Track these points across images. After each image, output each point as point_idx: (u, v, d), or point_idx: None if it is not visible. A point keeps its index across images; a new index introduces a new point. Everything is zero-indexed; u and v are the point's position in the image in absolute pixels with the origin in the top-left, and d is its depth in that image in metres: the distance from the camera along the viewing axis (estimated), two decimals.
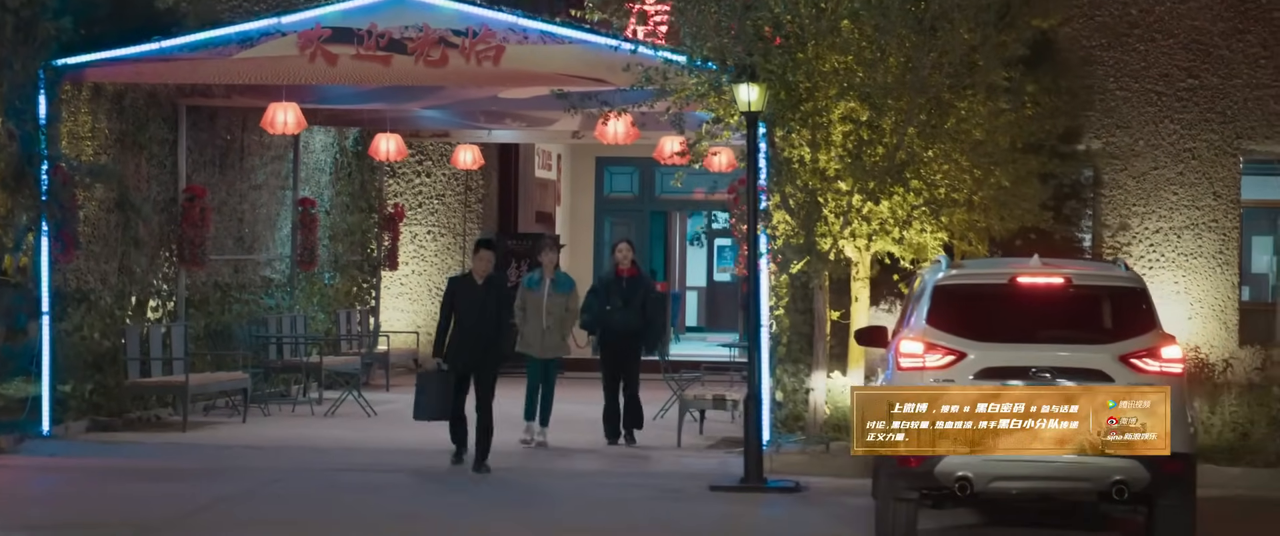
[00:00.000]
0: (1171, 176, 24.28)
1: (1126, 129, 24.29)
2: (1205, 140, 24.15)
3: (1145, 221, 24.25)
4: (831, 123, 15.38)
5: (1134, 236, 24.17)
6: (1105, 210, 24.28)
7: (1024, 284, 12.03)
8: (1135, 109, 24.27)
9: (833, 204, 15.45)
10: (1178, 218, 24.23)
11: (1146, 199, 24.24)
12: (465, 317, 15.10)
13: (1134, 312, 11.94)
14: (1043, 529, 12.32)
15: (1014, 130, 15.80)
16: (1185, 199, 24.23)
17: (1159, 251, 24.25)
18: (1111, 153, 24.17)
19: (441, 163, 25.34)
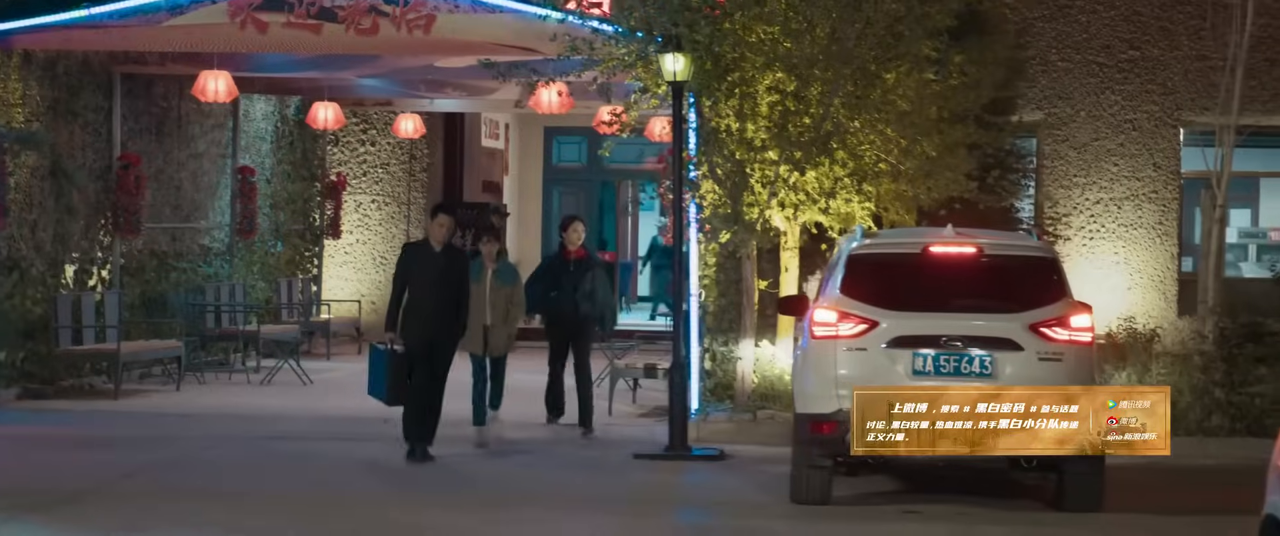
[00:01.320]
0: (1112, 147, 24.41)
1: (1068, 100, 24.40)
2: (1145, 111, 24.28)
3: (1086, 192, 24.38)
4: (758, 93, 15.44)
5: (1074, 206, 24.31)
6: (1046, 180, 24.41)
7: (936, 253, 12.14)
8: (1076, 80, 24.39)
9: (759, 174, 15.52)
10: (1118, 188, 24.37)
11: (1087, 169, 24.37)
12: (421, 288, 13.84)
13: (1045, 282, 12.06)
14: (958, 495, 12.42)
15: (940, 101, 15.88)
16: (1125, 170, 24.37)
17: (1099, 222, 24.39)
18: (1052, 123, 24.29)
19: (385, 131, 25.34)
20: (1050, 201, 24.18)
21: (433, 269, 13.84)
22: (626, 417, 17.08)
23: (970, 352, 11.66)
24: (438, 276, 13.82)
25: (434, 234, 14.08)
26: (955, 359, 11.67)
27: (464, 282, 14.05)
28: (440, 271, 13.84)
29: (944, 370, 11.68)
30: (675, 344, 15.05)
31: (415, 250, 14.18)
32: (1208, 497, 12.69)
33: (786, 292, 16.24)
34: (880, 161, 15.51)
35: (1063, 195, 24.32)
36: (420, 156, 25.82)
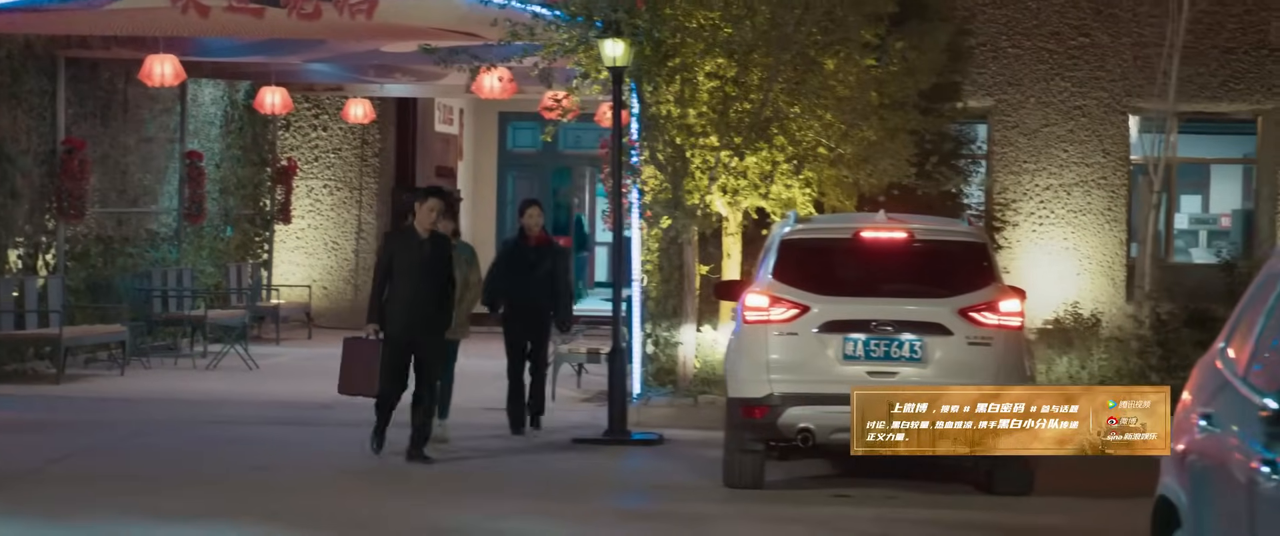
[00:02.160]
0: (1062, 134, 24.51)
1: (1017, 86, 24.50)
2: (1095, 98, 24.39)
3: (1036, 178, 24.49)
4: (698, 78, 15.47)
5: (1024, 192, 24.41)
6: (997, 167, 24.50)
7: (867, 239, 12.20)
8: (1026, 66, 24.48)
9: (700, 159, 15.55)
10: (1068, 175, 24.48)
11: (1037, 156, 24.47)
12: (405, 278, 13.03)
13: (975, 267, 12.13)
14: (889, 479, 12.49)
15: (880, 86, 15.93)
16: (1075, 156, 24.48)
17: (1049, 208, 24.50)
18: (1002, 110, 24.38)
19: (337, 116, 25.31)
20: (1000, 188, 24.28)
21: (418, 257, 13.04)
22: (570, 402, 17.10)
23: (900, 337, 11.74)
24: (423, 265, 13.03)
25: (420, 220, 13.21)
26: (885, 343, 11.75)
27: (450, 272, 13.31)
28: (426, 260, 13.04)
29: (874, 354, 11.76)
30: (614, 329, 15.09)
31: (399, 237, 13.44)
32: (1135, 481, 12.69)
33: (728, 278, 16.29)
34: (819, 146, 15.55)
35: (1013, 181, 24.42)
36: (372, 141, 25.79)
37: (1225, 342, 6.54)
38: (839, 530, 10.78)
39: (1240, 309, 6.55)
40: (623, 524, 11.00)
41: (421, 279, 13.01)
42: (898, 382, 11.69)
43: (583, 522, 10.94)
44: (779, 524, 10.97)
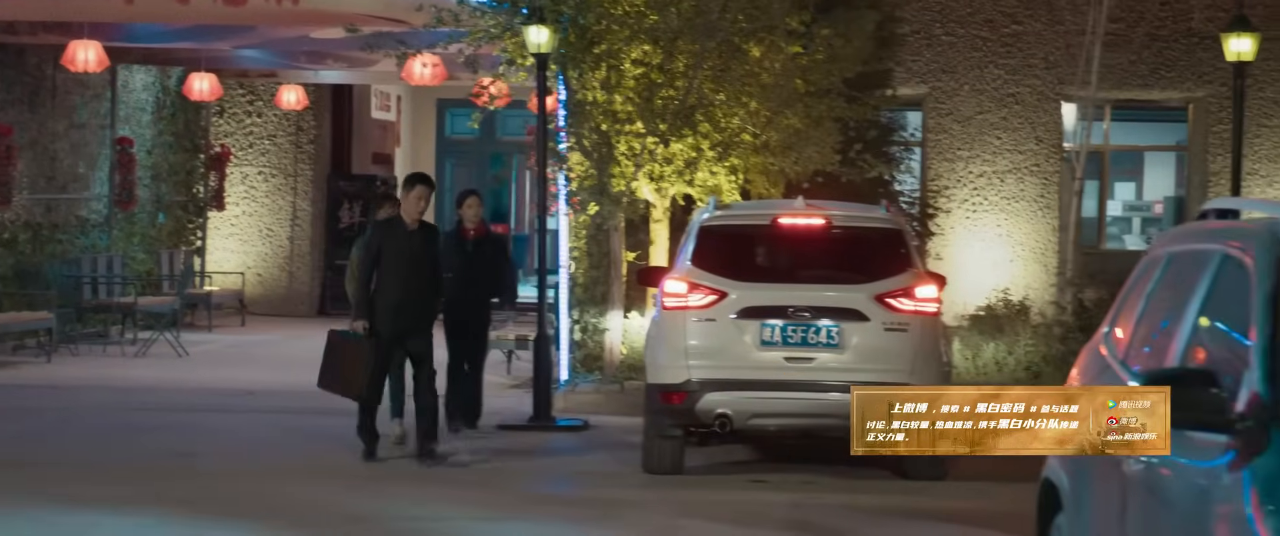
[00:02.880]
0: (995, 121, 24.63)
1: (951, 74, 24.60)
2: (1028, 86, 24.51)
3: (969, 165, 24.60)
4: (624, 65, 15.49)
5: (958, 180, 24.53)
6: (930, 153, 24.62)
7: (785, 225, 12.26)
8: (960, 54, 24.59)
9: (625, 146, 15.57)
10: (1001, 162, 24.60)
11: (970, 143, 24.59)
12: (395, 273, 12.30)
13: (892, 253, 12.19)
14: (806, 465, 12.57)
15: (805, 74, 15.98)
16: (1008, 143, 24.60)
17: (982, 195, 24.62)
18: (936, 97, 24.49)
19: (272, 103, 25.22)
20: (934, 174, 24.39)
21: (407, 252, 12.31)
22: (499, 389, 17.08)
23: (817, 323, 11.80)
24: (413, 258, 12.33)
25: (408, 209, 12.45)
26: (802, 329, 11.81)
27: (438, 266, 12.71)
28: (415, 253, 12.34)
29: (791, 340, 11.83)
30: (540, 316, 15.11)
31: (386, 230, 12.56)
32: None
33: (655, 265, 16.32)
34: (743, 133, 15.60)
35: (947, 168, 24.53)
36: (307, 128, 25.71)
37: (1109, 327, 6.61)
38: (754, 515, 10.83)
39: (1123, 294, 6.62)
40: (538, 509, 11.02)
41: (411, 273, 12.33)
42: (814, 368, 11.79)
43: (499, 509, 10.96)
44: (695, 509, 11.01)
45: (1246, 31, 16.40)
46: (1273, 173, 24.50)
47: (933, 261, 24.20)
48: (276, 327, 23.44)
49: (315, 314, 25.51)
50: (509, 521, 10.57)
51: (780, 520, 10.66)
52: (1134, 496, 5.48)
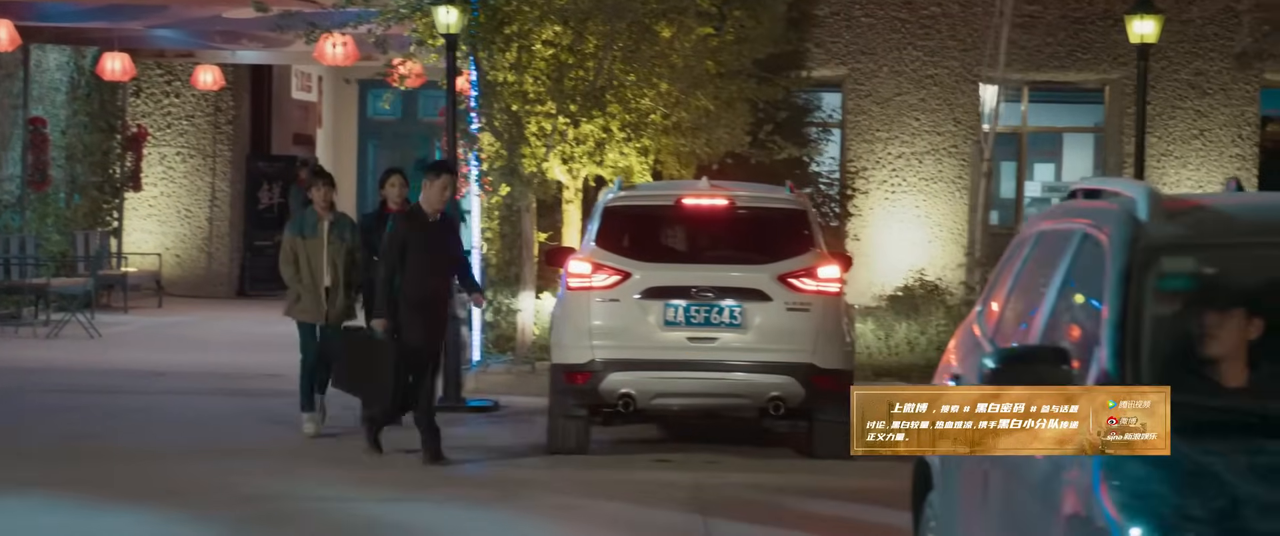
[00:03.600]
0: (914, 102, 24.75)
1: (871, 55, 24.70)
2: (946, 67, 24.64)
3: (888, 146, 24.72)
4: (535, 46, 15.49)
5: (877, 161, 24.64)
6: (850, 134, 24.72)
7: (689, 206, 12.31)
8: (879, 35, 24.69)
9: (535, 126, 15.58)
10: (919, 143, 24.72)
11: (889, 124, 24.70)
12: (419, 270, 11.54)
13: (795, 234, 12.26)
14: (713, 444, 12.63)
15: (716, 55, 16.02)
16: (927, 124, 24.73)
17: (901, 176, 24.74)
18: (856, 78, 24.59)
19: (189, 83, 25.06)
20: (853, 155, 24.50)
21: (430, 245, 11.66)
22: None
23: (720, 303, 11.86)
24: (436, 254, 11.71)
25: (430, 198, 11.67)
26: (706, 309, 11.87)
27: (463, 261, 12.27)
28: (439, 248, 11.74)
29: (694, 320, 11.88)
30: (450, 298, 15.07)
31: (410, 222, 11.71)
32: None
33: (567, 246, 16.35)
34: (653, 114, 15.63)
35: (865, 150, 24.64)
36: (226, 108, 25.56)
37: (982, 305, 6.69)
38: (655, 494, 10.87)
39: (996, 273, 6.70)
40: (440, 489, 11.03)
41: (433, 269, 11.69)
42: (717, 348, 11.86)
43: (402, 489, 10.97)
44: (596, 488, 11.05)
45: (1150, 13, 16.55)
46: (1186, 154, 24.75)
47: (851, 242, 24.35)
48: (194, 309, 23.32)
49: (234, 295, 25.43)
50: (409, 501, 10.57)
51: (681, 499, 10.71)
52: (995, 471, 5.55)
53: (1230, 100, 24.48)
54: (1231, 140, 24.52)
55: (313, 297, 12.79)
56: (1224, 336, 5.23)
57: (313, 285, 12.78)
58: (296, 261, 12.81)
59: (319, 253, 12.78)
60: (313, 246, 12.78)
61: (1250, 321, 5.25)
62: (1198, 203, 5.59)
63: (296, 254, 12.81)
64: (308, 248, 12.79)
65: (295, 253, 12.82)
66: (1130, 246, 5.18)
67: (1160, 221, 5.27)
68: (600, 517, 10.28)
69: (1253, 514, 4.20)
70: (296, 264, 12.81)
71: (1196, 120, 24.69)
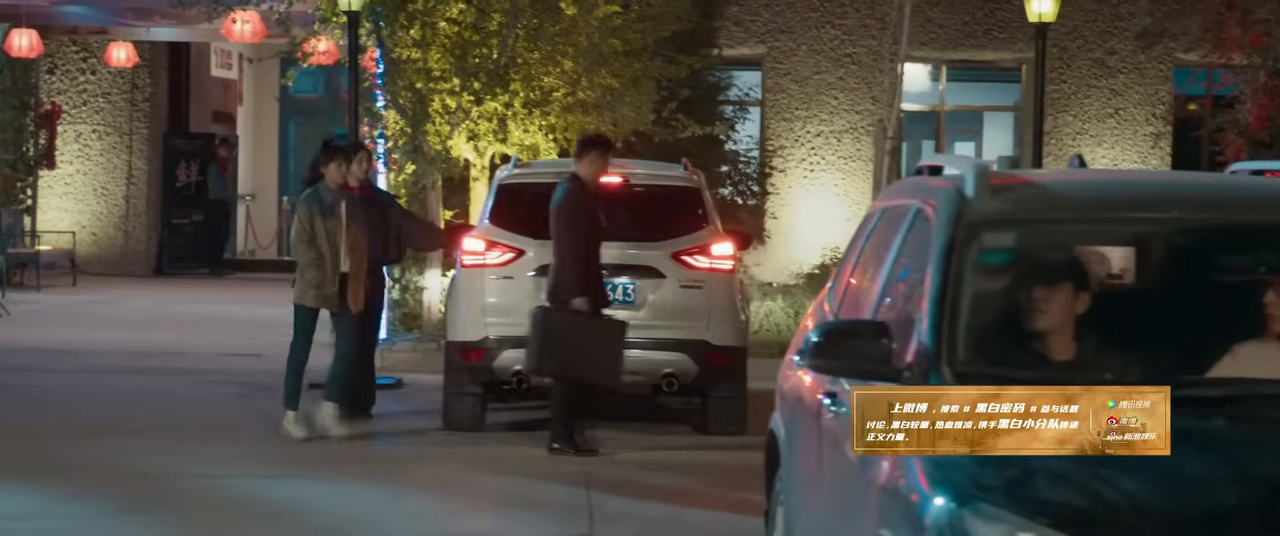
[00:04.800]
0: (832, 81, 24.86)
1: (790, 34, 24.79)
2: (865, 46, 24.75)
3: (807, 125, 24.83)
4: (439, 23, 15.48)
5: (796, 139, 24.75)
6: (769, 113, 24.81)
7: None
8: (798, 14, 24.77)
9: (439, 104, 15.57)
10: (838, 122, 24.84)
11: (808, 103, 24.81)
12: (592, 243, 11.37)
13: (690, 212, 12.32)
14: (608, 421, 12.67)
15: (621, 34, 16.05)
16: (845, 103, 24.85)
17: (819, 154, 24.86)
18: (775, 57, 24.68)
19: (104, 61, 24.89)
20: (772, 134, 24.60)
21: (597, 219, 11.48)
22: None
23: (614, 280, 11.90)
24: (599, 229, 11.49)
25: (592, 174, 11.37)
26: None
27: None
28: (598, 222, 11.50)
29: None
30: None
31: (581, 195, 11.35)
32: None
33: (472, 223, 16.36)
34: (556, 92, 15.66)
35: (784, 128, 24.74)
36: (142, 86, 25.41)
37: (833, 282, 6.76)
38: (544, 470, 10.91)
39: (847, 249, 6.77)
40: (329, 467, 11.02)
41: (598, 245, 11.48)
42: None
43: (291, 466, 10.97)
44: (484, 464, 11.09)
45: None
46: (1101, 132, 24.96)
47: (770, 220, 24.47)
48: (110, 287, 23.20)
49: (152, 274, 25.32)
50: (295, 478, 10.58)
51: (570, 475, 10.74)
52: (827, 446, 5.63)
53: (1144, 79, 24.69)
54: (1145, 119, 24.74)
55: (332, 282, 11.71)
56: (1052, 310, 5.32)
57: (332, 269, 11.71)
58: (314, 241, 11.67)
59: (338, 233, 11.72)
60: (332, 226, 11.69)
61: (1078, 296, 5.33)
62: (1026, 180, 5.67)
63: (315, 233, 11.67)
64: (327, 227, 11.68)
65: (314, 232, 11.67)
66: (953, 222, 5.25)
67: (985, 198, 5.35)
68: (483, 493, 10.33)
69: (1043, 483, 4.28)
70: (314, 244, 11.67)
71: (1111, 99, 24.90)
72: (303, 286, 11.81)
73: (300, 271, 11.81)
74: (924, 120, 26.55)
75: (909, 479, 4.61)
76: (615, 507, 9.82)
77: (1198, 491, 4.15)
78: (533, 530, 9.28)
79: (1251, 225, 5.27)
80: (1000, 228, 5.31)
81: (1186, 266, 5.41)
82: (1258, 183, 5.84)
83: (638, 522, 9.38)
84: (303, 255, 11.71)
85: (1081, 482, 4.25)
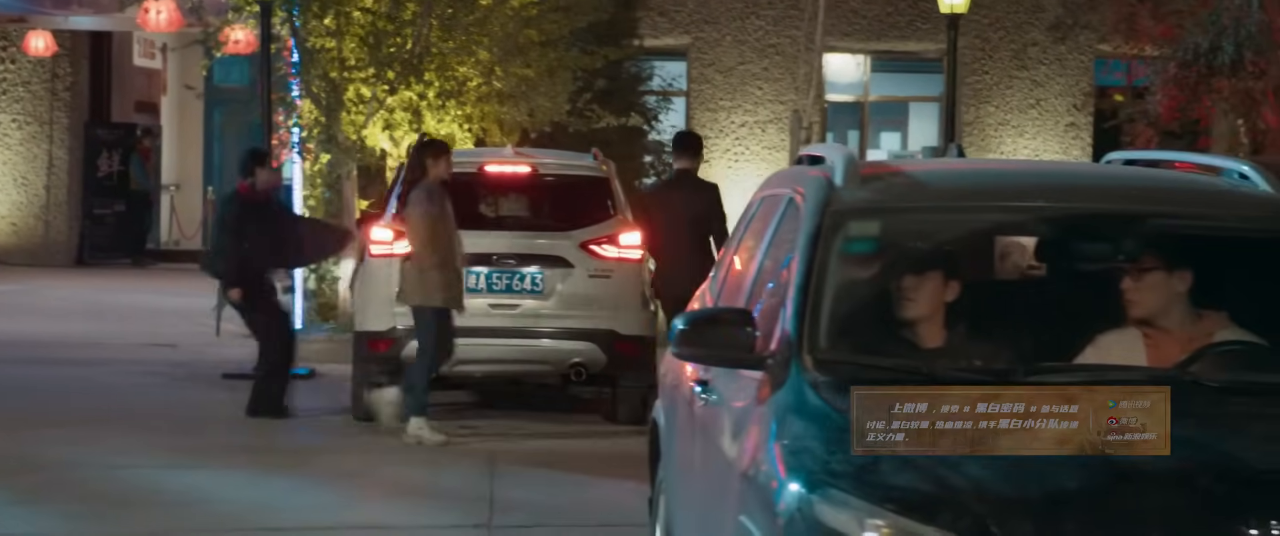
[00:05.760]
0: (757, 71, 24.92)
1: (714, 24, 24.83)
2: (789, 36, 24.81)
3: (732, 115, 24.89)
4: (353, 12, 15.43)
5: (721, 130, 24.80)
6: (694, 104, 24.85)
7: (492, 173, 12.35)
8: (723, 4, 24.81)
9: (353, 93, 15.54)
10: (763, 112, 24.91)
11: (733, 93, 24.86)
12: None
13: (598, 201, 12.33)
14: (520, 411, 12.71)
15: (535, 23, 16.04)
16: (770, 94, 24.92)
17: (744, 144, 24.92)
18: (700, 47, 24.71)
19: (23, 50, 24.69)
20: (698, 124, 24.62)
21: None
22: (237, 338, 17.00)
23: (522, 270, 11.92)
24: None
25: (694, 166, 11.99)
26: (507, 276, 11.92)
27: None
28: None
29: (496, 287, 11.94)
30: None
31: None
32: None
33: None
34: (471, 82, 15.64)
35: (709, 118, 24.79)
36: (63, 75, 25.21)
37: (715, 271, 6.79)
38: (448, 460, 10.90)
39: (730, 237, 6.80)
40: (234, 457, 10.99)
41: None
42: (519, 315, 11.93)
43: (195, 456, 10.92)
44: (390, 454, 11.08)
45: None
46: (1023, 123, 25.12)
47: None
48: (29, 278, 23.02)
49: (73, 264, 25.14)
50: (199, 468, 10.53)
51: (475, 464, 10.74)
52: (699, 434, 5.66)
53: (1065, 70, 24.86)
54: (1067, 110, 24.91)
55: (458, 282, 11.30)
56: (921, 299, 5.36)
57: (454, 267, 11.27)
58: (435, 242, 11.17)
59: (451, 229, 11.25)
60: (450, 224, 11.24)
61: (947, 284, 5.37)
62: (896, 168, 5.71)
63: (434, 232, 11.23)
64: (446, 226, 11.20)
65: (434, 230, 11.23)
66: (820, 211, 5.28)
67: (852, 187, 5.38)
68: (385, 483, 10.32)
69: (890, 469, 4.32)
70: (436, 245, 11.15)
71: (1033, 90, 25.06)
72: (427, 288, 11.22)
73: (421, 273, 11.20)
74: (849, 111, 26.66)
75: (768, 466, 4.64)
76: (517, 496, 9.83)
77: (1040, 477, 4.20)
78: (432, 520, 9.27)
79: (1109, 214, 5.33)
80: (866, 216, 5.35)
81: (1051, 255, 5.47)
82: (1119, 172, 5.91)
83: (537, 511, 9.39)
84: (425, 256, 11.22)
85: (928, 469, 4.29)
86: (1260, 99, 14.93)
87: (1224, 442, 4.35)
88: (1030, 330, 5.32)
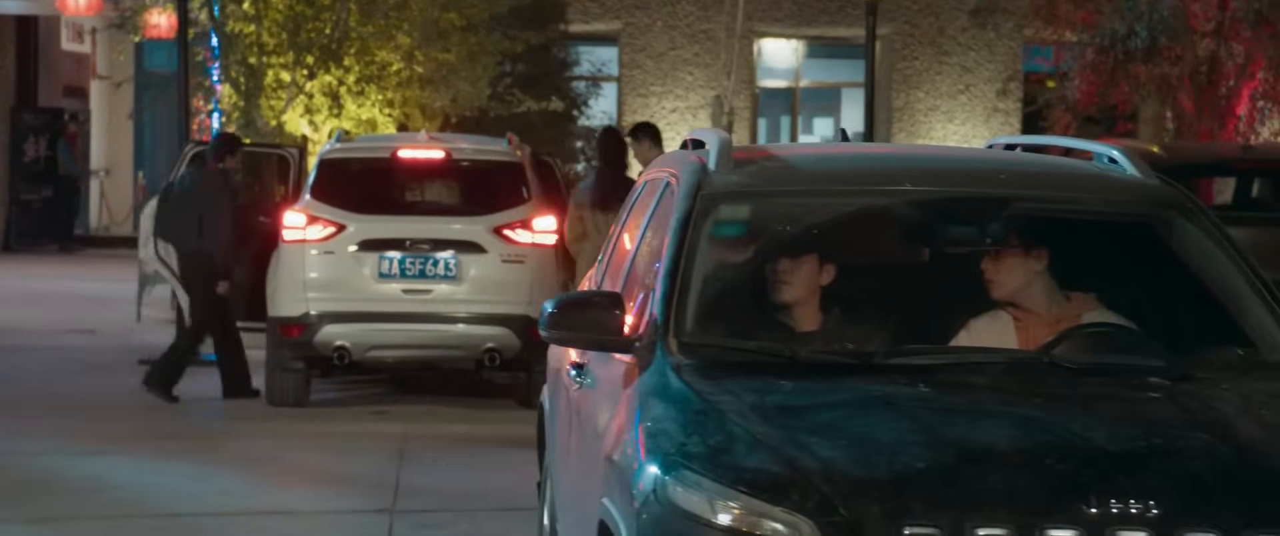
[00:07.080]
0: (688, 57, 24.96)
1: (645, 9, 24.86)
2: (719, 22, 24.85)
3: (663, 101, 24.92)
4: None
5: (651, 115, 24.80)
6: (625, 89, 24.88)
7: (405, 158, 12.34)
8: None
9: (272, 78, 15.48)
10: (693, 97, 24.95)
11: (664, 79, 24.89)
12: None
13: (511, 186, 12.32)
14: (433, 396, 12.70)
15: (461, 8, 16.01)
16: (701, 80, 24.95)
17: (676, 130, 24.89)
18: (631, 33, 24.73)
19: None
20: (629, 110, 24.64)
21: None
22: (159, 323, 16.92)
23: (435, 256, 11.91)
24: None
25: None
26: (421, 261, 11.91)
27: None
28: None
29: (409, 273, 11.92)
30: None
31: None
32: None
33: None
34: (391, 67, 15.60)
35: (640, 104, 24.81)
36: None
37: (602, 254, 6.80)
38: (359, 445, 10.88)
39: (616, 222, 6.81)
40: (143, 443, 10.92)
41: None
42: (432, 300, 11.92)
43: (105, 442, 10.86)
44: (301, 440, 11.06)
45: None
46: (953, 108, 25.25)
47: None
48: None
49: (1, 250, 24.96)
50: (107, 454, 10.47)
51: (384, 449, 10.72)
52: (574, 417, 5.67)
53: (994, 56, 24.99)
54: (996, 95, 25.03)
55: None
56: (796, 282, 5.38)
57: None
58: (587, 237, 10.53)
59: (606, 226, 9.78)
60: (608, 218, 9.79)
61: (822, 268, 5.40)
62: (769, 153, 5.73)
63: (586, 228, 10.64)
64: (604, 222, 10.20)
65: (586, 227, 10.65)
66: (691, 194, 5.30)
67: (724, 171, 5.40)
68: (293, 468, 10.30)
69: (743, 449, 4.34)
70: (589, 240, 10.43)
71: (962, 76, 25.20)
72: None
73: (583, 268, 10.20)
74: (781, 97, 26.75)
75: (631, 448, 4.66)
76: (423, 481, 9.82)
77: (888, 456, 4.23)
78: (336, 505, 9.27)
79: (972, 197, 5.37)
80: (737, 200, 5.37)
81: (920, 238, 5.50)
82: (990, 156, 5.95)
83: (441, 496, 9.38)
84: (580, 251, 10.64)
85: (779, 449, 4.31)
86: (1177, 85, 15.05)
87: (1072, 423, 4.39)
88: (906, 314, 5.35)
